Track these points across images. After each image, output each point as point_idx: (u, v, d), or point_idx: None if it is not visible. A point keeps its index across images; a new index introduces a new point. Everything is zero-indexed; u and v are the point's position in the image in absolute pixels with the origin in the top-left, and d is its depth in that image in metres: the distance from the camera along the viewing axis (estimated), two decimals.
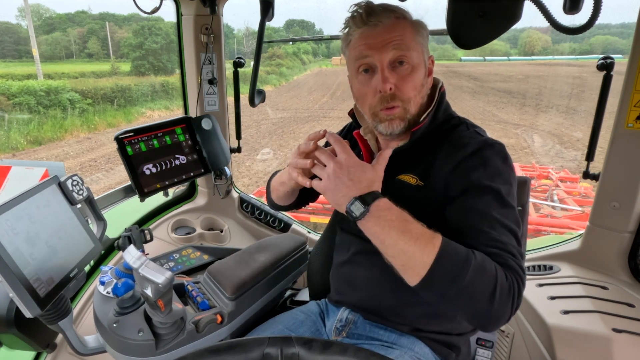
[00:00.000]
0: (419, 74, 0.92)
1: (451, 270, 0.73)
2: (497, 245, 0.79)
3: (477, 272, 0.73)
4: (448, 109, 1.01)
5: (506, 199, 0.84)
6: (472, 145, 0.89)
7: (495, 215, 0.82)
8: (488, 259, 0.76)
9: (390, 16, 0.89)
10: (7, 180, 3.69)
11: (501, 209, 0.83)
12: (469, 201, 0.84)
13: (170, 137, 1.56)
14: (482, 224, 0.81)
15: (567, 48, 48.62)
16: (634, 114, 1.33)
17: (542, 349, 1.32)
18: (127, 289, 0.99)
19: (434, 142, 0.96)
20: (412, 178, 0.95)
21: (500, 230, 0.81)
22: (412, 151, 0.97)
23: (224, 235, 1.98)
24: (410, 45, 0.90)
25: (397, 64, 0.90)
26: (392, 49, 0.88)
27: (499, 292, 0.73)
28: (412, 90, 0.91)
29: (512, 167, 0.90)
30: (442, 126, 0.98)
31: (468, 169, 0.87)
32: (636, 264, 1.43)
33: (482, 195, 0.84)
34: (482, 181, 0.85)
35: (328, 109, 17.34)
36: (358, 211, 0.77)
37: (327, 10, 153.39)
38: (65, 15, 39.55)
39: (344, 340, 1.05)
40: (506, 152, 0.91)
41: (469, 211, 0.84)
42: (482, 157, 0.87)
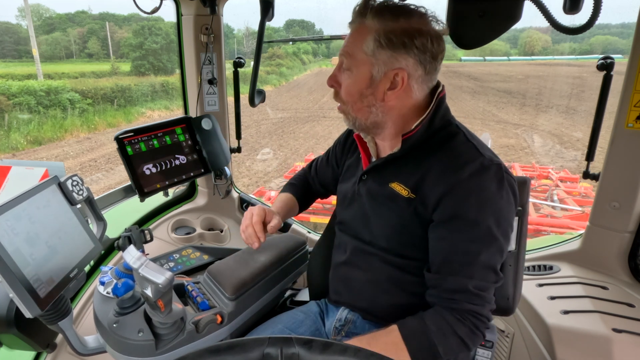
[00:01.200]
0: (356, 83, 0.92)
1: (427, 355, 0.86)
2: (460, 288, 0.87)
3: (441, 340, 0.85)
4: (446, 115, 0.97)
5: (491, 231, 0.86)
6: (469, 168, 0.87)
7: (473, 250, 0.86)
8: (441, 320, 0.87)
9: (357, 20, 0.92)
10: (7, 180, 3.69)
11: (483, 245, 0.86)
12: (451, 231, 0.88)
13: (170, 137, 1.56)
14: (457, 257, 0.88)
15: (567, 48, 48.62)
16: (634, 114, 1.33)
17: (542, 349, 1.32)
18: (127, 289, 0.99)
19: (429, 151, 0.94)
20: (404, 189, 0.94)
21: (474, 268, 0.87)
22: (407, 158, 0.96)
23: (224, 235, 1.98)
24: (354, 54, 0.91)
25: (342, 67, 0.95)
26: (341, 53, 0.95)
27: (468, 340, 0.86)
28: (347, 94, 0.95)
29: (507, 190, 0.88)
30: (438, 133, 0.95)
31: (460, 196, 0.86)
32: (636, 264, 1.43)
33: (466, 229, 0.86)
34: (470, 213, 0.86)
35: (328, 109, 17.35)
36: None
37: (327, 10, 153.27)
38: (65, 15, 39.55)
39: (343, 339, 1.05)
40: (502, 174, 0.88)
41: (448, 241, 0.89)
42: (477, 184, 0.86)
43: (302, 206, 1.33)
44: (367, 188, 1.02)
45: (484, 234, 0.86)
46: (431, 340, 0.85)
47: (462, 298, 0.87)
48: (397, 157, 0.97)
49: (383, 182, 0.98)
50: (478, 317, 0.87)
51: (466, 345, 0.86)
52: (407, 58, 0.88)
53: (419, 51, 0.87)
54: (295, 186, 1.35)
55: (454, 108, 1.03)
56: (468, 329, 0.86)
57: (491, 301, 0.89)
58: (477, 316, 0.87)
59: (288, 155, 10.99)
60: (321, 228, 2.90)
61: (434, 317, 0.88)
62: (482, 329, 0.88)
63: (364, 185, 1.04)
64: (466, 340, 0.86)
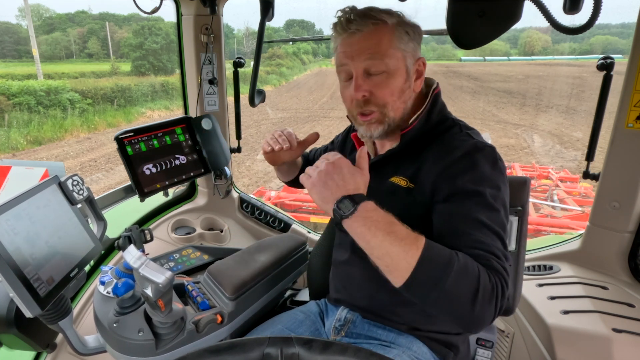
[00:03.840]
0: (396, 80, 0.93)
1: (434, 273, 0.73)
2: (481, 246, 0.79)
3: (459, 275, 0.72)
4: (443, 110, 1.00)
5: (491, 202, 0.84)
6: (461, 149, 0.89)
7: (479, 218, 0.82)
8: (471, 261, 0.76)
9: (368, 23, 0.90)
10: (7, 180, 3.69)
11: (486, 212, 0.83)
12: (453, 206, 0.85)
13: (170, 137, 1.56)
14: (466, 227, 0.81)
15: (567, 48, 48.61)
16: (634, 114, 1.33)
17: (542, 349, 1.32)
18: (127, 288, 0.99)
19: (425, 144, 0.96)
20: (402, 180, 0.95)
21: (485, 232, 0.81)
22: (404, 153, 0.98)
23: (224, 235, 1.98)
24: (387, 53, 0.90)
25: (371, 71, 0.92)
26: (365, 59, 0.90)
27: (481, 294, 0.73)
28: (388, 96, 0.93)
29: (502, 171, 0.89)
30: (435, 128, 0.98)
31: (455, 173, 0.87)
32: (636, 264, 1.43)
33: (466, 199, 0.84)
34: (467, 186, 0.85)
35: (328, 109, 17.33)
36: (347, 209, 0.76)
37: (327, 10, 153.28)
38: (65, 15, 39.55)
39: (343, 339, 1.05)
40: (496, 156, 0.90)
41: (452, 215, 0.84)
42: (470, 161, 0.87)
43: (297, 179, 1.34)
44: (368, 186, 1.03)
45: (483, 202, 0.84)
46: (450, 263, 0.73)
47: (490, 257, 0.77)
48: (395, 152, 0.99)
49: (383, 178, 0.99)
50: (502, 284, 0.76)
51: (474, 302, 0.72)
52: (419, 47, 0.96)
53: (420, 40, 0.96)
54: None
55: (454, 108, 1.04)
56: (491, 288, 0.74)
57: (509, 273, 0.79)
58: (503, 282, 0.76)
59: None
60: (321, 228, 2.90)
61: (467, 256, 0.76)
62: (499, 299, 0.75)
63: None
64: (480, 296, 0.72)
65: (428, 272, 0.73)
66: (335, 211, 0.78)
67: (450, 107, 1.03)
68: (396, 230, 0.75)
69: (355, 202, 0.77)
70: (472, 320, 0.75)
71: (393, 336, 1.01)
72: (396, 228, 0.75)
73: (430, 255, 0.74)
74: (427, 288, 0.73)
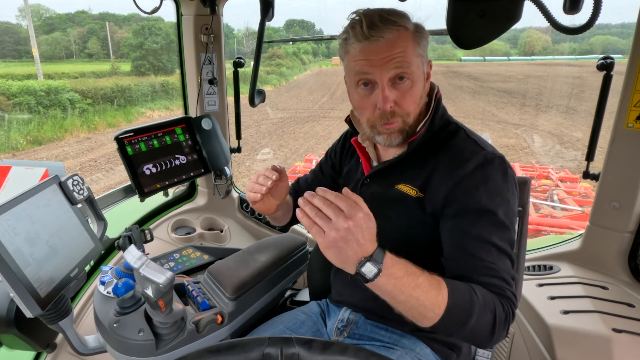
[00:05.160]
0: (419, 87, 0.91)
1: (459, 317, 0.76)
2: (495, 274, 0.82)
3: (480, 313, 0.77)
4: (444, 114, 0.99)
5: (502, 219, 0.85)
6: (473, 161, 0.88)
7: (491, 240, 0.84)
8: (488, 294, 0.80)
9: (392, 29, 0.85)
10: (7, 180, 3.68)
11: (497, 231, 0.85)
12: (464, 224, 0.86)
13: (170, 137, 1.56)
14: (478, 250, 0.84)
15: (567, 48, 48.60)
16: (634, 114, 1.33)
17: (542, 349, 1.32)
18: (127, 288, 0.99)
19: (432, 151, 0.95)
20: (411, 190, 0.94)
21: (497, 255, 0.84)
22: (411, 160, 0.97)
23: (224, 235, 1.98)
24: (412, 61, 0.88)
25: (397, 80, 0.88)
26: (393, 67, 0.86)
27: (497, 324, 0.78)
28: (411, 105, 0.91)
29: (511, 180, 0.90)
30: (439, 133, 0.97)
31: (468, 188, 0.87)
32: (636, 264, 1.43)
33: (480, 219, 0.85)
34: (481, 203, 0.85)
35: (328, 109, 17.33)
36: (371, 273, 0.71)
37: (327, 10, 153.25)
38: (65, 15, 39.52)
39: (345, 340, 1.05)
40: (506, 166, 0.90)
41: (464, 235, 0.85)
42: (483, 175, 0.87)
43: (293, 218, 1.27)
44: (372, 192, 1.02)
45: (495, 222, 0.85)
46: (473, 305, 0.76)
47: (502, 284, 0.82)
48: (401, 159, 0.97)
49: (388, 185, 0.98)
50: (512, 309, 0.82)
51: (493, 331, 0.79)
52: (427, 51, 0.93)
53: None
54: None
55: (454, 108, 1.04)
56: (505, 317, 0.80)
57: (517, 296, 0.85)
58: (513, 307, 0.82)
59: (288, 155, 10.99)
60: None
61: (483, 291, 0.80)
62: (510, 322, 0.81)
63: (367, 190, 1.04)
64: (497, 326, 0.79)
65: (454, 318, 0.76)
66: (358, 274, 0.72)
67: (450, 107, 1.02)
68: (420, 282, 0.74)
69: (378, 262, 0.72)
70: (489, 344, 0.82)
71: (396, 337, 1.01)
72: (420, 280, 0.74)
73: (455, 302, 0.76)
74: (453, 329, 0.78)
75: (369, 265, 0.71)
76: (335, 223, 0.70)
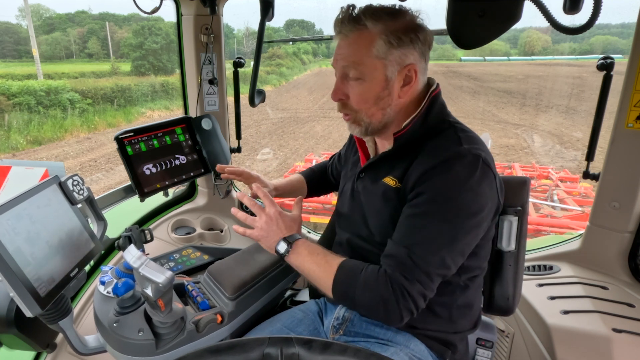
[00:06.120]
0: (371, 87, 0.93)
1: (345, 289, 0.91)
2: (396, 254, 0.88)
3: (363, 290, 0.88)
4: (441, 113, 0.98)
5: (446, 213, 0.86)
6: (445, 155, 0.88)
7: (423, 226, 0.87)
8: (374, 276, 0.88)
9: (354, 28, 0.91)
10: (7, 180, 3.68)
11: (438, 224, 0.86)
12: (409, 210, 0.90)
13: (170, 137, 1.56)
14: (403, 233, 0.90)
15: (567, 48, 48.58)
16: (634, 114, 1.33)
17: (542, 349, 1.32)
18: (127, 288, 0.99)
19: (419, 146, 0.95)
20: (392, 180, 0.97)
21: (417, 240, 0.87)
22: (399, 155, 0.98)
23: (224, 235, 1.98)
24: (362, 61, 0.91)
25: (347, 77, 0.95)
26: (341, 65, 0.94)
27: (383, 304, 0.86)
28: (360, 102, 0.95)
29: (482, 178, 0.88)
30: (431, 130, 0.96)
31: (428, 177, 0.88)
32: (636, 264, 1.43)
33: (423, 205, 0.87)
34: (430, 193, 0.87)
35: (328, 109, 17.34)
36: (282, 249, 0.98)
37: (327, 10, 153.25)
38: (65, 15, 39.53)
39: (341, 337, 1.06)
40: (478, 164, 0.87)
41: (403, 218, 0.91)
42: (447, 167, 0.87)
43: (312, 189, 1.46)
44: (364, 185, 1.05)
45: (437, 212, 0.86)
46: (355, 282, 0.89)
47: (394, 264, 0.87)
48: (390, 154, 0.99)
49: (377, 179, 1.00)
50: (403, 292, 0.84)
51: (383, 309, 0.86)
52: (413, 52, 0.93)
53: (422, 44, 0.93)
54: (312, 170, 1.48)
55: (454, 108, 1.04)
56: (389, 297, 0.85)
57: (427, 287, 0.86)
58: (404, 290, 0.84)
59: (288, 155, 10.99)
60: (321, 228, 2.90)
61: (373, 270, 0.89)
62: (402, 306, 0.84)
63: (361, 183, 1.07)
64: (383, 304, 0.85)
65: (341, 290, 0.92)
66: (277, 252, 0.99)
67: (450, 107, 1.02)
68: (317, 260, 0.96)
69: (289, 242, 0.98)
70: (387, 322, 0.97)
71: (391, 334, 1.01)
72: (317, 258, 0.96)
73: (340, 277, 0.92)
74: (347, 302, 0.95)
75: (282, 244, 0.99)
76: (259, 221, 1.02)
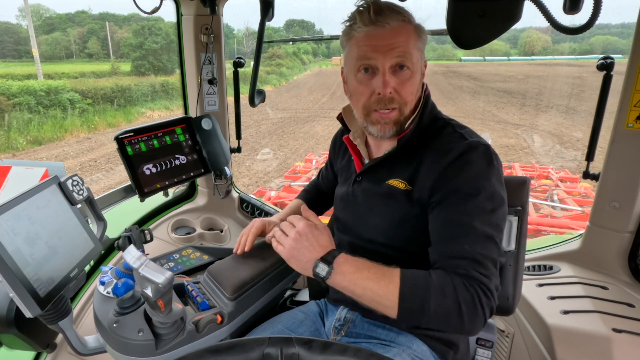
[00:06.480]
0: (417, 78, 0.94)
1: (415, 302, 0.80)
2: (464, 255, 0.83)
3: (437, 298, 0.79)
4: (433, 111, 1.01)
5: (484, 203, 0.85)
6: (456, 150, 0.89)
7: (472, 223, 0.84)
8: (445, 278, 0.81)
9: (398, 18, 0.89)
10: (7, 180, 3.68)
11: (480, 214, 0.85)
12: (447, 209, 0.87)
13: (170, 137, 1.56)
14: (455, 234, 0.85)
15: (567, 48, 48.59)
16: (634, 114, 1.33)
17: (542, 349, 1.32)
18: (127, 289, 0.99)
19: (420, 146, 0.96)
20: (400, 183, 0.96)
21: (474, 238, 0.83)
22: (400, 156, 0.98)
23: (224, 235, 1.98)
24: (413, 52, 0.91)
25: (397, 68, 0.92)
26: (396, 55, 0.89)
27: (464, 306, 0.79)
28: (410, 94, 0.94)
29: (498, 168, 0.90)
30: (428, 129, 0.98)
31: (451, 175, 0.88)
32: (636, 264, 1.43)
33: (461, 202, 0.86)
34: (462, 187, 0.86)
35: (328, 109, 17.33)
36: (323, 272, 0.85)
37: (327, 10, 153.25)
38: (65, 15, 39.53)
39: (343, 339, 1.06)
40: (491, 154, 0.90)
41: (446, 220, 0.87)
42: (465, 161, 0.88)
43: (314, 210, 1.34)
44: (363, 189, 1.04)
45: (477, 205, 0.85)
46: (427, 290, 0.80)
47: (468, 265, 0.82)
48: (392, 155, 0.99)
49: (379, 181, 1.00)
50: (483, 289, 0.80)
51: (461, 315, 0.78)
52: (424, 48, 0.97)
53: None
54: (307, 192, 1.42)
55: (454, 108, 1.05)
56: (471, 298, 0.79)
57: (496, 276, 0.84)
58: (483, 287, 0.80)
59: (288, 155, 10.99)
60: None
61: (440, 275, 0.82)
62: (485, 304, 0.80)
63: (359, 187, 1.06)
64: (464, 308, 0.78)
65: (410, 304, 0.81)
66: (315, 275, 0.87)
67: (450, 107, 1.04)
68: (370, 276, 0.84)
69: (329, 262, 0.86)
70: (466, 328, 0.81)
71: (393, 335, 1.01)
72: (370, 273, 0.84)
73: (407, 289, 0.81)
74: (416, 316, 0.81)
75: (321, 266, 0.86)
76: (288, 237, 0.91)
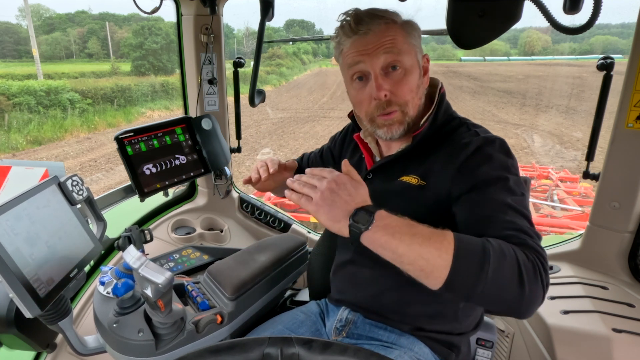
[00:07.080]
0: (414, 76, 0.93)
1: (472, 262, 0.68)
2: (512, 226, 0.76)
3: (498, 260, 0.68)
4: (448, 110, 1.01)
5: (514, 186, 0.84)
6: (473, 144, 0.89)
7: (506, 201, 0.80)
8: (504, 243, 0.72)
9: (380, 22, 0.90)
10: (7, 180, 3.68)
11: (511, 195, 0.82)
12: (479, 194, 0.83)
13: (170, 137, 1.56)
14: (493, 211, 0.79)
15: (567, 48, 48.60)
16: (634, 114, 1.33)
17: (542, 349, 1.32)
18: (127, 289, 0.99)
19: (435, 144, 0.96)
20: (413, 179, 0.95)
21: (513, 214, 0.79)
22: (414, 153, 0.98)
23: (224, 235, 1.98)
24: (402, 49, 0.90)
25: (390, 69, 0.91)
26: (383, 54, 0.89)
27: (525, 273, 0.69)
28: (407, 93, 0.93)
29: (515, 160, 0.91)
30: (442, 128, 0.98)
31: (473, 166, 0.87)
32: (636, 264, 1.43)
33: (491, 186, 0.83)
34: (489, 173, 0.85)
35: (328, 109, 17.33)
36: (364, 221, 0.70)
37: (327, 10, 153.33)
38: (65, 15, 39.54)
39: (344, 340, 1.05)
40: (507, 147, 0.91)
41: (479, 203, 0.82)
42: (485, 154, 0.88)
43: None
44: (374, 187, 1.03)
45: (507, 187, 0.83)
46: (486, 252, 0.69)
47: (520, 235, 0.75)
48: (405, 153, 0.99)
49: (391, 179, 0.99)
50: (542, 261, 0.72)
51: (522, 283, 0.68)
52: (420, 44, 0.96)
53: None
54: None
55: (454, 108, 1.05)
56: (532, 266, 0.70)
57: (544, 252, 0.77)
58: (541, 259, 0.73)
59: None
60: (321, 228, 2.91)
61: (499, 240, 0.73)
62: (544, 277, 0.71)
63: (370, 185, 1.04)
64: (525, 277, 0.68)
65: (467, 264, 0.68)
66: (352, 226, 0.71)
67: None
68: (419, 231, 0.71)
69: (370, 212, 0.71)
70: (525, 303, 0.70)
71: (394, 337, 1.01)
72: (419, 229, 0.71)
73: (464, 245, 0.69)
74: (471, 281, 0.68)
75: (361, 214, 0.71)
76: (320, 186, 0.74)
